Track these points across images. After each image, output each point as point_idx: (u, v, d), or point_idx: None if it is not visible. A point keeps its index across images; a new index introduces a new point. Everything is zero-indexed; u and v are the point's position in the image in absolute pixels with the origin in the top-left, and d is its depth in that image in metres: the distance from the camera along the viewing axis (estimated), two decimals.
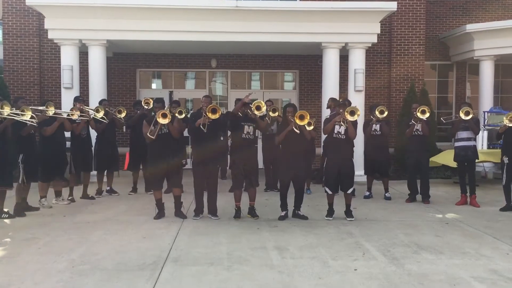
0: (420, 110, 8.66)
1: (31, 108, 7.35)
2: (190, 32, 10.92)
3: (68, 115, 8.33)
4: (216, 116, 7.26)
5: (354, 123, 7.37)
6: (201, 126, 7.28)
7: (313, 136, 7.63)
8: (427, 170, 9.10)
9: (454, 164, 9.39)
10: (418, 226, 7.11)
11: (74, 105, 8.86)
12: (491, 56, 13.03)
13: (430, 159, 10.10)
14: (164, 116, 7.19)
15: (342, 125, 7.32)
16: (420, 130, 8.75)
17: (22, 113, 7.10)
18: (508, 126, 7.94)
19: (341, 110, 7.43)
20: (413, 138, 8.88)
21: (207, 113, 7.23)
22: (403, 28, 13.23)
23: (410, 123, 8.89)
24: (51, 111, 7.71)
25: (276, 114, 8.64)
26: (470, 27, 13.00)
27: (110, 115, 9.25)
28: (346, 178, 7.43)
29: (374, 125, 9.18)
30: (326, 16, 10.99)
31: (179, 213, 7.50)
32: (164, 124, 7.26)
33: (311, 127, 7.44)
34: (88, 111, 8.94)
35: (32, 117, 7.22)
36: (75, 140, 8.75)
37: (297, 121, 7.10)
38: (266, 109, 8.40)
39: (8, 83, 12.42)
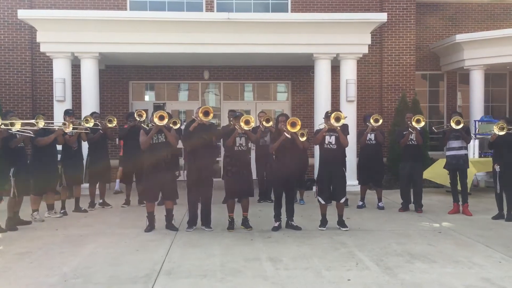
0: (415, 119, 8.72)
1: (22, 122, 7.31)
2: (182, 44, 10.99)
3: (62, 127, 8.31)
4: (209, 118, 7.30)
5: (345, 130, 7.38)
6: (194, 129, 7.30)
7: (306, 146, 7.66)
8: (420, 180, 9.13)
9: (447, 183, 9.37)
10: (411, 235, 7.14)
11: (64, 118, 8.80)
12: (481, 65, 13.17)
13: (424, 173, 10.16)
14: (161, 118, 7.08)
15: (332, 134, 7.37)
16: (414, 139, 8.80)
17: (9, 122, 7.02)
18: (498, 134, 8.01)
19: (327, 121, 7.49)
20: (407, 148, 8.92)
21: (199, 115, 7.25)
22: (393, 38, 13.36)
23: (405, 132, 8.93)
24: (41, 123, 7.66)
25: (270, 124, 8.69)
26: (460, 37, 13.16)
27: (102, 127, 9.23)
28: (338, 187, 7.45)
29: (368, 134, 9.23)
30: (317, 28, 11.09)
31: (170, 226, 7.47)
32: (161, 132, 7.21)
33: (304, 138, 7.46)
34: (80, 123, 8.91)
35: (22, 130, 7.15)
36: (66, 152, 8.70)
37: (289, 127, 7.18)
38: (261, 121, 8.57)
39: (0, 96, 12.40)
